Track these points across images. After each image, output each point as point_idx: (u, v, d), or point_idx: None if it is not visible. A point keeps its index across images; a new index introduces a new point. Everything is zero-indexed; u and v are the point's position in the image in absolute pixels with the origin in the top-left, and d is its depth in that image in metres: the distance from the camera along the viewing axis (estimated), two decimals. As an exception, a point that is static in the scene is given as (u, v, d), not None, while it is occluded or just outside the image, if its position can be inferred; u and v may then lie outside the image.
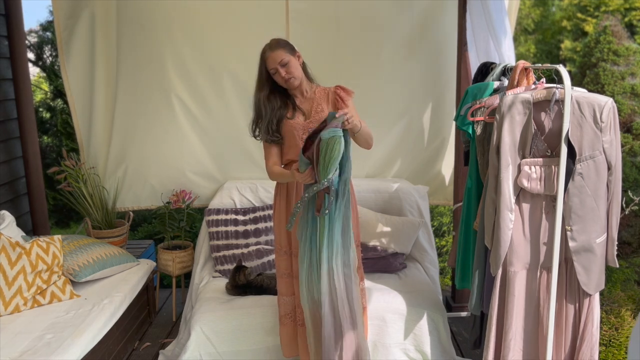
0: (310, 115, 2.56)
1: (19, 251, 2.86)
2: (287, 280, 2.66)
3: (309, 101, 2.59)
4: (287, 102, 2.56)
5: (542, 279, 2.24)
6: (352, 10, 3.73)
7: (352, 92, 2.56)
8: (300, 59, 2.54)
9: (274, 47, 2.47)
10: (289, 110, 2.56)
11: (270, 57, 2.46)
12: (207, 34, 3.79)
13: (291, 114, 2.55)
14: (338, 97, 2.54)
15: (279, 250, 2.68)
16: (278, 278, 2.72)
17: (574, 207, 2.14)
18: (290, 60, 2.46)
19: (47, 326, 2.68)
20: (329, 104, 2.57)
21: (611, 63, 4.00)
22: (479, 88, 2.56)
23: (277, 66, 2.45)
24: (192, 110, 3.91)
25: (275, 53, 2.45)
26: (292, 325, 2.71)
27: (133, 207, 4.10)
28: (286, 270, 2.65)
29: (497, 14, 3.15)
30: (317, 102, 2.57)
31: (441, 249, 5.30)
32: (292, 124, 2.54)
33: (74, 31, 3.81)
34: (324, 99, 2.58)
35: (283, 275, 2.67)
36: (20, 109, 3.90)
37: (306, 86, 2.58)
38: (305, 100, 2.59)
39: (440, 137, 3.98)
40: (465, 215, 2.63)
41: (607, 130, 2.10)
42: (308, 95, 2.59)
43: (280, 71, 2.45)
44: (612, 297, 3.01)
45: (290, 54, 2.48)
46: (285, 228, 2.51)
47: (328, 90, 2.59)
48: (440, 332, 2.92)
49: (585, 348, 2.20)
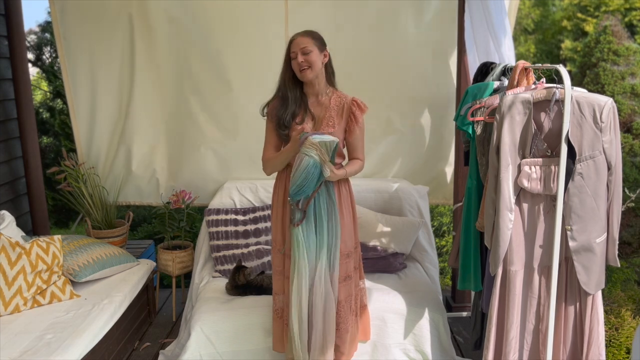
0: (321, 126, 2.51)
1: (19, 251, 2.86)
2: (279, 278, 2.65)
3: (322, 107, 2.54)
4: (300, 102, 2.53)
5: (542, 279, 2.24)
6: (351, 11, 3.73)
7: (366, 109, 2.53)
8: (327, 57, 2.51)
9: (303, 34, 2.47)
10: (300, 112, 2.52)
11: (296, 41, 2.46)
12: (207, 34, 3.79)
13: (301, 118, 2.51)
14: (352, 116, 2.51)
15: (274, 247, 2.67)
16: (273, 275, 2.71)
17: (573, 207, 2.14)
18: (314, 51, 2.44)
19: (47, 326, 2.68)
20: (342, 118, 2.52)
21: (611, 63, 4.01)
22: (479, 88, 2.56)
23: (298, 51, 2.43)
24: (197, 110, 3.92)
25: (302, 39, 2.45)
26: (280, 322, 2.71)
27: (135, 201, 4.12)
28: (278, 268, 2.64)
29: (497, 14, 3.15)
30: (330, 114, 2.52)
31: (441, 249, 5.30)
32: (298, 130, 2.49)
33: (74, 31, 3.82)
34: (338, 111, 2.53)
35: (276, 272, 2.66)
36: (20, 109, 3.90)
37: (323, 89, 2.54)
38: (319, 105, 2.55)
39: (440, 137, 3.98)
40: (466, 215, 2.62)
41: (607, 130, 2.10)
42: (322, 100, 2.55)
43: (299, 57, 2.43)
44: (612, 297, 3.02)
45: (317, 46, 2.46)
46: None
47: (344, 101, 2.54)
48: (440, 332, 2.92)
49: (594, 347, 2.20)
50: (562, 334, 2.26)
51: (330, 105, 2.54)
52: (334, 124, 2.51)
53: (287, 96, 2.50)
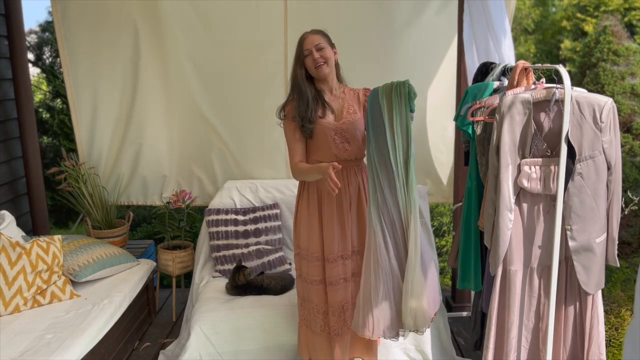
0: (342, 116, 2.52)
1: (19, 251, 2.86)
2: (318, 287, 2.56)
3: (338, 100, 2.55)
4: (317, 98, 2.52)
5: (542, 278, 2.24)
6: (351, 11, 3.73)
7: None
8: (336, 55, 2.54)
9: (314, 32, 2.49)
10: (320, 108, 2.51)
11: (308, 38, 2.47)
12: (208, 35, 3.79)
13: (322, 112, 2.50)
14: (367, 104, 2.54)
15: (307, 256, 2.56)
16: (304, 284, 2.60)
17: (573, 207, 2.14)
18: (327, 47, 2.47)
19: (47, 326, 2.68)
20: (360, 106, 2.55)
21: (611, 63, 4.01)
22: (478, 88, 2.56)
23: (312, 48, 2.44)
24: (204, 109, 3.93)
25: (314, 36, 2.47)
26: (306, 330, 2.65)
27: (139, 201, 4.13)
28: (316, 277, 2.55)
29: (497, 14, 3.14)
30: (349, 103, 2.54)
31: (441, 249, 5.30)
32: (323, 124, 2.48)
33: (76, 31, 3.82)
34: (355, 101, 2.56)
35: (314, 282, 2.56)
36: (20, 109, 3.90)
37: (335, 84, 2.56)
38: (334, 98, 2.56)
39: (440, 137, 3.98)
40: (466, 215, 2.62)
41: (607, 130, 2.10)
42: (337, 93, 2.56)
43: (315, 54, 2.44)
44: (612, 297, 3.02)
45: (328, 43, 2.49)
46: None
47: (357, 92, 2.58)
48: (441, 332, 2.93)
49: (594, 347, 2.20)
50: (562, 334, 2.26)
51: (345, 96, 2.56)
52: (355, 110, 2.53)
53: (306, 93, 2.48)
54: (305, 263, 2.57)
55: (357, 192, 2.53)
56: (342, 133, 2.48)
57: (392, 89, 2.24)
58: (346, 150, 2.49)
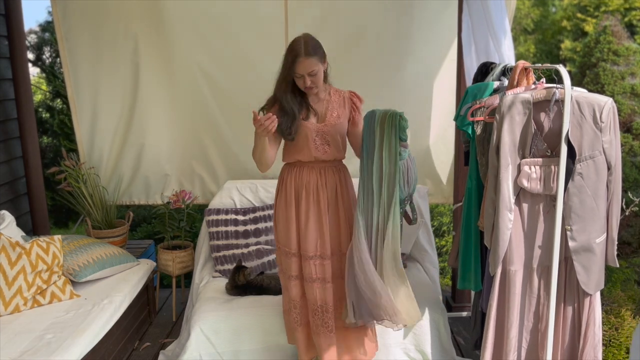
0: (325, 119, 2.54)
1: (19, 251, 2.86)
2: (295, 283, 2.63)
3: (322, 103, 2.57)
4: (302, 101, 2.53)
5: (541, 278, 2.24)
6: (351, 11, 3.73)
7: (363, 100, 2.61)
8: (326, 64, 2.51)
9: (309, 54, 2.38)
10: (304, 110, 2.53)
11: (303, 63, 2.38)
12: (209, 34, 3.79)
13: (305, 115, 2.53)
14: (354, 107, 2.57)
15: (286, 252, 2.63)
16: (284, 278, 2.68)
17: (573, 207, 2.14)
18: (319, 70, 2.43)
19: (47, 326, 2.68)
20: (345, 109, 2.58)
21: (611, 63, 4.00)
22: (478, 88, 2.56)
23: (305, 75, 2.41)
24: (206, 108, 3.94)
25: (309, 61, 2.38)
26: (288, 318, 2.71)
27: (140, 201, 4.14)
28: (293, 273, 2.61)
29: (496, 14, 3.14)
30: (333, 106, 2.56)
31: (441, 249, 5.30)
32: (306, 126, 2.51)
33: (76, 31, 3.82)
34: (340, 104, 2.57)
35: (290, 277, 2.63)
36: (20, 109, 3.90)
37: (321, 87, 2.55)
38: (319, 101, 2.57)
39: (439, 137, 3.98)
40: (466, 215, 2.62)
41: (607, 130, 2.10)
42: (322, 96, 2.57)
43: (307, 80, 2.42)
44: (612, 297, 3.02)
45: (321, 62, 2.43)
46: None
47: (343, 95, 2.60)
48: (441, 332, 2.92)
49: (588, 348, 2.20)
50: (560, 334, 2.26)
51: (330, 99, 2.58)
52: (338, 115, 2.56)
53: (291, 110, 2.47)
54: (284, 258, 2.64)
55: (334, 191, 2.58)
56: (323, 135, 2.52)
57: (386, 118, 2.38)
58: (326, 152, 2.54)
